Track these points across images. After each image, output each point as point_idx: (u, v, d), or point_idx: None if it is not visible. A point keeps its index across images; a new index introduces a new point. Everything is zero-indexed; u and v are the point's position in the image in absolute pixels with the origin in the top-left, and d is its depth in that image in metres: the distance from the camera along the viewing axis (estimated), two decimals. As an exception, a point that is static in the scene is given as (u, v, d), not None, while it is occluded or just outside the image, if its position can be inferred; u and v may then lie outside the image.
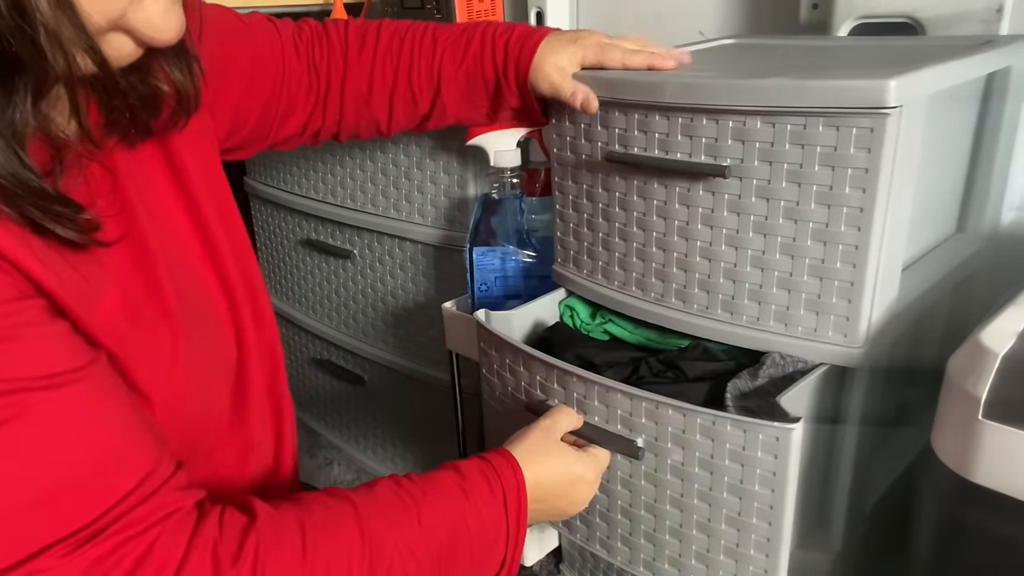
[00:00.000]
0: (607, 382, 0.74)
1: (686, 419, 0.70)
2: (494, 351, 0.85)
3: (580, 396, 0.76)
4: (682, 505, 0.74)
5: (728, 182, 0.71)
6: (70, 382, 0.46)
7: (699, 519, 0.73)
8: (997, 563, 0.57)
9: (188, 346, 0.57)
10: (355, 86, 0.85)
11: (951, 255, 0.85)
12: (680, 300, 0.80)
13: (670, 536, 0.76)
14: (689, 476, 0.72)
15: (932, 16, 0.92)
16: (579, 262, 0.90)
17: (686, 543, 0.75)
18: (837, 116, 0.64)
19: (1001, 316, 0.62)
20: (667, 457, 0.72)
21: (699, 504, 0.73)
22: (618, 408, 0.74)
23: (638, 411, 0.72)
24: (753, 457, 0.67)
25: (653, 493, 0.75)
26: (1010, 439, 0.53)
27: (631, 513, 0.78)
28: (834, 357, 0.72)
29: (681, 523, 0.75)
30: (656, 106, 0.74)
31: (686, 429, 0.70)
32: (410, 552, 0.57)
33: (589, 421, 0.76)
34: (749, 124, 0.69)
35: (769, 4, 1.16)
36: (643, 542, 0.79)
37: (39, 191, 0.45)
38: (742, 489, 0.69)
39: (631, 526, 0.79)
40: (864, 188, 0.65)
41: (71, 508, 0.45)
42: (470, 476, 0.63)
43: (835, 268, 0.69)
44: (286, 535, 0.53)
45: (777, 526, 0.69)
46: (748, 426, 0.66)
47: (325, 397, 1.53)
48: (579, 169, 0.85)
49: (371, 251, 1.29)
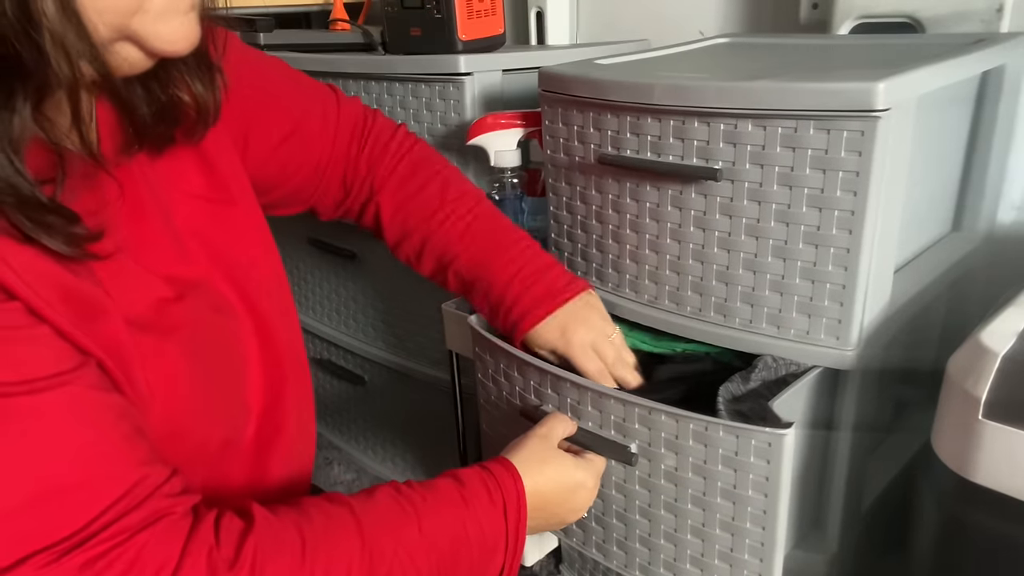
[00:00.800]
0: (600, 388, 0.74)
1: (679, 424, 0.69)
2: (488, 355, 0.85)
3: (574, 402, 0.76)
4: (676, 510, 0.74)
5: (720, 185, 0.71)
6: (54, 387, 0.45)
7: (693, 523, 0.73)
8: (997, 563, 0.57)
9: (193, 357, 0.57)
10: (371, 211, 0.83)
11: (946, 254, 0.85)
12: (673, 302, 0.80)
13: (665, 540, 0.76)
14: (683, 481, 0.72)
15: (932, 16, 0.91)
16: (573, 264, 0.90)
17: (681, 547, 0.75)
18: (828, 119, 0.64)
19: (1001, 316, 0.62)
20: (660, 462, 0.72)
21: (693, 509, 0.73)
22: (611, 414, 0.74)
23: (631, 416, 0.72)
24: (746, 462, 0.67)
25: (647, 498, 0.75)
26: (1010, 439, 0.53)
27: (626, 518, 0.78)
28: (827, 360, 0.71)
29: (675, 527, 0.75)
30: (648, 108, 0.74)
31: (679, 434, 0.70)
32: (410, 560, 0.56)
33: (583, 427, 0.76)
34: (740, 127, 0.68)
35: (769, 4, 1.16)
36: (638, 546, 0.79)
37: (30, 199, 0.45)
38: (735, 494, 0.69)
39: (626, 530, 0.79)
40: (855, 191, 0.65)
41: (55, 516, 0.44)
42: (470, 484, 0.62)
43: (827, 271, 0.68)
44: (285, 541, 0.52)
45: (771, 530, 0.69)
46: (741, 432, 0.66)
47: (325, 397, 1.54)
48: (572, 171, 0.85)
49: (373, 251, 1.30)
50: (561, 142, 0.85)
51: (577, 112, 0.81)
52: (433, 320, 1.22)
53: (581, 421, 0.76)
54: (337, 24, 1.40)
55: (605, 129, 0.79)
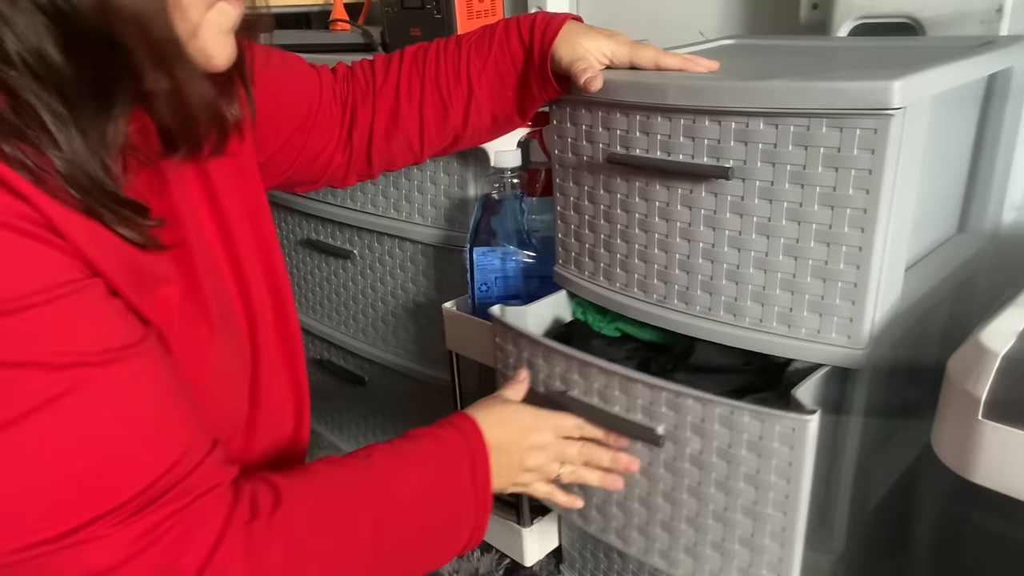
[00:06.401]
0: (628, 372, 0.75)
1: (704, 408, 0.71)
2: (511, 345, 0.85)
3: (601, 386, 0.77)
4: (699, 494, 0.75)
5: (731, 183, 0.71)
6: (125, 358, 0.48)
7: (715, 508, 0.75)
8: (997, 563, 0.57)
9: (217, 350, 0.58)
10: (385, 103, 0.85)
11: (953, 255, 0.86)
12: (682, 302, 0.80)
13: (686, 525, 0.77)
14: (707, 465, 0.73)
15: (932, 16, 0.92)
16: (580, 264, 0.90)
17: (702, 532, 0.76)
18: (840, 117, 0.64)
19: (1001, 316, 0.62)
20: (686, 446, 0.74)
21: (716, 493, 0.74)
22: (639, 398, 0.75)
23: (658, 400, 0.74)
24: (770, 448, 0.68)
25: (671, 481, 0.77)
26: (1010, 439, 0.53)
27: (649, 502, 0.80)
28: (837, 358, 0.72)
29: (698, 512, 0.76)
30: (658, 107, 0.74)
31: (704, 418, 0.71)
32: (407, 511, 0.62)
33: (610, 411, 0.77)
34: (752, 125, 0.69)
35: (769, 4, 1.16)
36: (659, 531, 0.80)
37: (112, 194, 0.48)
38: (758, 479, 0.70)
39: (648, 515, 0.80)
40: (867, 189, 0.65)
41: (123, 478, 0.47)
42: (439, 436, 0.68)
43: (838, 269, 0.69)
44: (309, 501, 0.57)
45: (792, 517, 0.70)
46: (766, 417, 0.67)
47: (325, 397, 1.53)
48: (580, 170, 0.85)
49: (371, 251, 1.29)
50: (569, 142, 0.85)
51: (585, 111, 0.81)
52: (433, 320, 1.22)
53: (608, 405, 0.78)
54: (337, 24, 1.40)
55: (614, 128, 0.79)
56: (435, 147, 0.88)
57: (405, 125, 0.85)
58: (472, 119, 0.86)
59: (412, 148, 0.87)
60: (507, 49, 0.83)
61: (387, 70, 0.85)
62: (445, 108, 0.85)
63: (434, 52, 0.85)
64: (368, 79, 0.85)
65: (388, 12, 1.23)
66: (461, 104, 0.85)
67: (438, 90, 0.84)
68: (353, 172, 0.88)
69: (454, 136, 0.87)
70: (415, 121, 0.85)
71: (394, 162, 0.89)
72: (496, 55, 0.83)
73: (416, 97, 0.85)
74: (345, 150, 0.85)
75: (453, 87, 0.84)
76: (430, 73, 0.84)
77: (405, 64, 0.85)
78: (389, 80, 0.85)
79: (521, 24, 0.83)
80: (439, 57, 0.85)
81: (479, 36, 0.85)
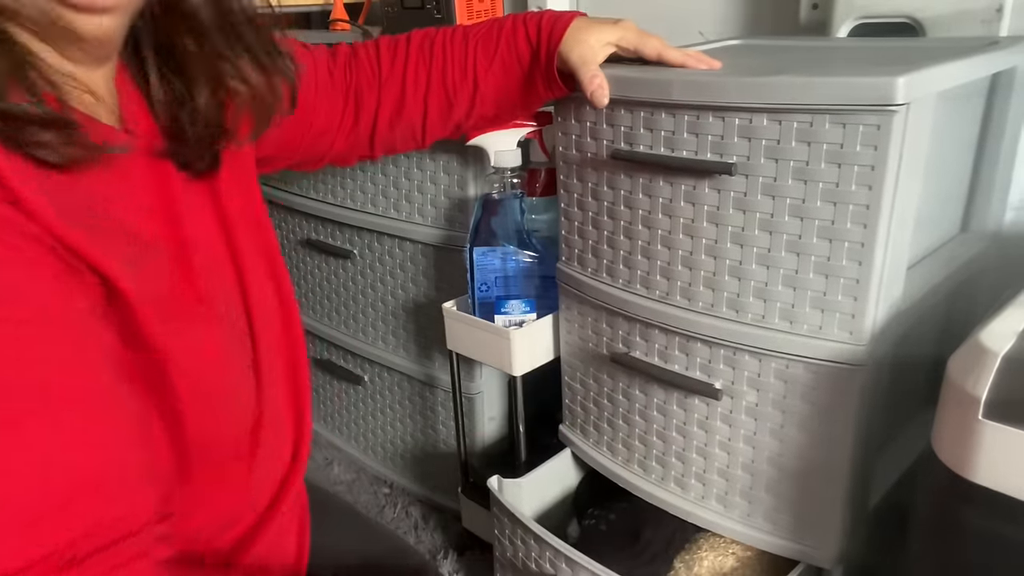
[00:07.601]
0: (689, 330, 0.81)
1: (761, 364, 0.77)
2: (576, 311, 0.85)
3: (661, 347, 0.85)
4: (755, 442, 0.81)
5: (734, 180, 0.72)
6: None
7: (771, 455, 0.80)
8: (996, 563, 0.57)
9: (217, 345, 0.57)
10: (390, 94, 0.85)
11: (955, 255, 0.86)
12: (685, 298, 0.80)
13: (742, 471, 0.83)
14: (762, 416, 0.79)
15: (932, 16, 0.92)
16: (584, 260, 0.90)
17: (758, 478, 0.82)
18: (844, 113, 0.64)
19: (1001, 316, 0.62)
20: (742, 399, 0.80)
21: (771, 441, 0.80)
22: (697, 356, 0.82)
23: (716, 358, 0.80)
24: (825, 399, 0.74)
25: (727, 432, 0.83)
26: (1010, 439, 0.53)
27: (706, 452, 0.86)
28: (839, 355, 0.72)
29: (753, 459, 0.82)
30: (662, 104, 0.74)
31: (761, 373, 0.77)
32: None
33: (670, 369, 0.85)
34: (756, 122, 0.69)
35: (769, 4, 1.16)
36: (716, 478, 0.86)
37: None
38: (810, 427, 0.76)
39: (705, 464, 0.87)
40: (870, 185, 0.65)
41: None
42: None
43: (841, 266, 0.69)
44: None
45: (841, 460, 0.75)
46: (818, 368, 0.74)
47: (325, 397, 1.53)
48: (584, 167, 0.85)
49: (371, 251, 1.29)
50: (573, 138, 0.85)
51: (589, 108, 0.81)
52: (433, 320, 1.22)
53: (668, 364, 0.85)
54: (337, 24, 1.40)
55: (618, 125, 0.79)
56: (437, 136, 0.89)
57: (409, 116, 0.86)
58: (476, 113, 0.86)
59: (415, 136, 0.88)
60: (514, 48, 0.83)
61: (393, 59, 0.85)
62: (450, 102, 0.85)
63: (440, 44, 0.85)
64: (373, 66, 0.85)
65: (388, 12, 1.23)
66: (466, 99, 0.85)
67: (444, 85, 0.85)
68: (354, 155, 0.88)
69: (456, 126, 0.88)
70: (419, 113, 0.86)
71: (395, 148, 0.90)
72: (503, 54, 0.84)
73: (422, 90, 0.85)
74: (348, 137, 0.85)
75: (459, 83, 0.84)
76: (436, 67, 0.84)
77: (412, 55, 0.85)
78: (395, 70, 0.85)
79: (528, 23, 0.83)
80: (446, 50, 0.85)
81: (487, 32, 0.85)
